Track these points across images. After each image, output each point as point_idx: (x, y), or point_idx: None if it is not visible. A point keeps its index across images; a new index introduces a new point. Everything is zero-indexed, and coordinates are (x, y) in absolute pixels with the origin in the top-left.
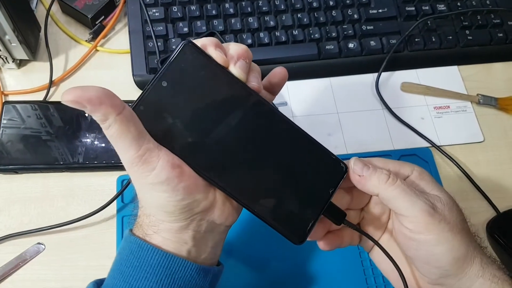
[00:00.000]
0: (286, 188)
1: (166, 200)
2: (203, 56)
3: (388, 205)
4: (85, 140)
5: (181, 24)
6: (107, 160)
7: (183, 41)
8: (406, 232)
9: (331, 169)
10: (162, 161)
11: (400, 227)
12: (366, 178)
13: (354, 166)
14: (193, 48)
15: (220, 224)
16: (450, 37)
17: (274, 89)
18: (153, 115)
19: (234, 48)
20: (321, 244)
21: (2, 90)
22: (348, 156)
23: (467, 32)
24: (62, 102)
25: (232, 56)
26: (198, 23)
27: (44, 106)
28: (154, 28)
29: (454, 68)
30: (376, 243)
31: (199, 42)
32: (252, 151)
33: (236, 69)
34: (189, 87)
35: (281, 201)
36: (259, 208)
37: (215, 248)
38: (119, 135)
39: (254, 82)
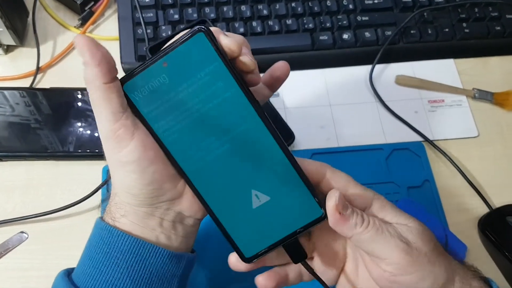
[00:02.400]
0: (255, 206)
1: (134, 181)
2: (215, 49)
3: (362, 247)
4: (71, 128)
5: (171, 11)
6: (93, 149)
7: (199, 26)
8: (387, 276)
9: (309, 209)
10: (137, 141)
11: (379, 272)
12: (345, 218)
13: (338, 201)
14: (209, 37)
15: (189, 216)
16: (447, 30)
17: (275, 84)
18: (142, 92)
19: (237, 38)
20: (260, 280)
21: None
22: (340, 149)
23: (464, 24)
24: (74, 41)
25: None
26: (189, 10)
27: (30, 93)
28: (143, 15)
29: (450, 61)
30: None
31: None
32: (233, 159)
33: (245, 58)
34: (189, 76)
35: (246, 216)
36: (220, 213)
37: (187, 238)
38: (100, 103)
39: (246, 58)
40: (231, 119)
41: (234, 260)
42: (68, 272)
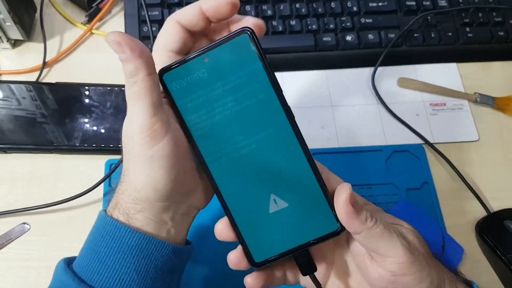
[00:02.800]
0: (272, 211)
1: (160, 176)
2: (257, 51)
3: (368, 245)
4: (75, 122)
5: (177, 9)
6: (96, 144)
7: (246, 27)
8: (389, 276)
9: (326, 222)
10: (169, 138)
11: (380, 273)
12: (357, 211)
13: (351, 193)
14: (253, 39)
15: (195, 208)
16: (450, 34)
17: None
18: (180, 83)
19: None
20: (249, 281)
21: None
22: (340, 150)
23: (468, 29)
24: (106, 40)
25: None
26: None
27: (36, 87)
28: (149, 13)
29: (453, 65)
30: None
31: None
32: (257, 160)
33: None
34: (228, 74)
35: (261, 220)
36: (236, 213)
37: (187, 230)
38: (140, 96)
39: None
40: (262, 121)
41: (234, 259)
42: (68, 263)
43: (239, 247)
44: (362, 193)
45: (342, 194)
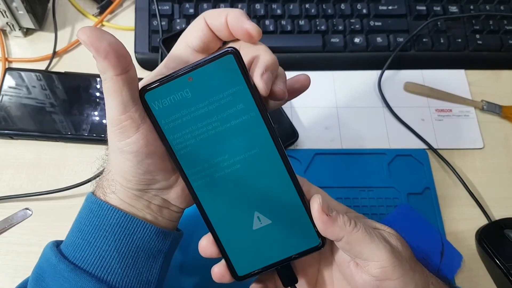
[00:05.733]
0: (255, 228)
1: (128, 168)
2: (242, 72)
3: (351, 250)
4: (81, 112)
5: (187, 5)
6: (101, 134)
7: (230, 48)
8: (372, 282)
9: (308, 237)
10: (140, 135)
11: (364, 278)
12: (333, 219)
13: (322, 203)
14: (238, 60)
15: (175, 204)
16: (459, 40)
17: (292, 94)
18: (163, 102)
19: (265, 56)
20: None
21: (6, 56)
22: (343, 151)
23: (478, 36)
24: (77, 36)
25: (261, 65)
26: (205, 5)
27: (46, 75)
28: (159, 7)
29: (461, 72)
30: None
31: (236, 17)
32: (241, 179)
33: (261, 82)
34: (212, 94)
35: (245, 236)
36: (219, 229)
37: (172, 221)
38: (109, 93)
39: (280, 87)
40: (246, 141)
41: (218, 273)
42: (57, 244)
43: (223, 261)
44: (363, 195)
45: (314, 205)
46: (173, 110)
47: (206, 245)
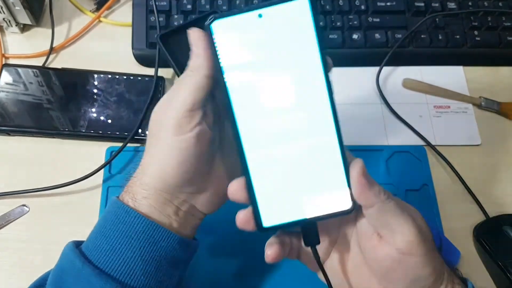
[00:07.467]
0: (290, 179)
1: (171, 166)
2: (314, 19)
3: (380, 219)
4: (79, 108)
5: (185, 1)
6: (98, 131)
7: None
8: (395, 254)
9: (341, 199)
10: (193, 134)
11: (387, 250)
12: (371, 184)
13: (363, 168)
14: (313, 6)
15: (201, 211)
16: (458, 37)
17: None
18: (227, 34)
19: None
20: (270, 252)
21: (3, 52)
22: None
23: (476, 32)
24: (188, 31)
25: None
26: (202, 1)
27: (43, 71)
28: (157, 3)
29: (459, 69)
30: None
31: None
32: (289, 136)
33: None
34: (279, 36)
35: (278, 189)
36: (254, 169)
37: (194, 229)
38: (191, 88)
39: None
40: (300, 92)
41: (243, 219)
42: (76, 244)
43: (249, 208)
44: None
45: (355, 168)
46: (236, 44)
47: (236, 189)
